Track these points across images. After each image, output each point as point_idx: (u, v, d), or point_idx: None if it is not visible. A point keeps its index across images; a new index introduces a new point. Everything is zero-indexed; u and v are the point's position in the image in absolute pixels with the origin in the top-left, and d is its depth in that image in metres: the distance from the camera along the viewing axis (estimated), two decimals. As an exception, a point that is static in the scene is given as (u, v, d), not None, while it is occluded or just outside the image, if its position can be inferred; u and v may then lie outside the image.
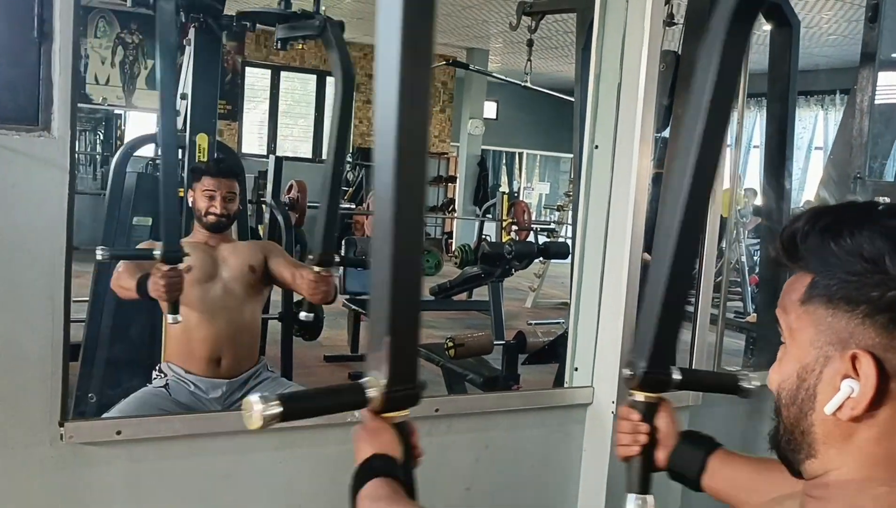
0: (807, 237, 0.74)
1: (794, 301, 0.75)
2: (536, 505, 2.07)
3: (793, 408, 0.75)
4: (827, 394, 0.71)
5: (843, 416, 0.70)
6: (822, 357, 0.72)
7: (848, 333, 0.70)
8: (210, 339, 2.51)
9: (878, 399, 0.69)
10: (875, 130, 3.25)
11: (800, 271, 0.76)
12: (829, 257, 0.72)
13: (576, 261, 2.11)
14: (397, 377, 1.02)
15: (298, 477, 1.78)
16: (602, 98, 2.06)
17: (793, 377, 0.75)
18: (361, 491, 1.04)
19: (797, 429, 0.75)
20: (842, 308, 0.71)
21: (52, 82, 1.48)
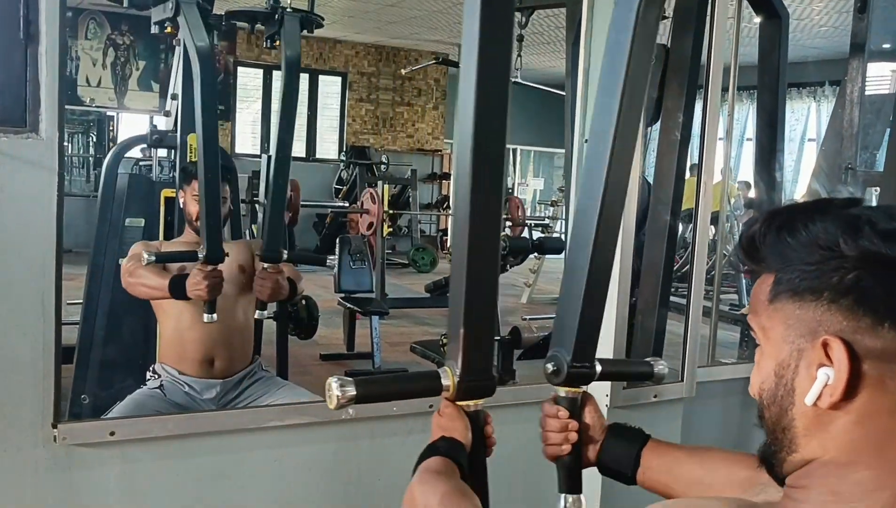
0: (765, 237, 0.75)
1: (762, 302, 0.76)
2: (532, 499, 2.07)
3: (774, 408, 0.75)
4: (804, 386, 0.72)
5: (822, 404, 0.70)
6: (796, 351, 0.73)
7: (816, 322, 0.71)
8: (202, 340, 2.51)
9: (853, 383, 0.69)
10: (866, 121, 3.26)
11: (764, 273, 0.77)
12: (787, 253, 0.73)
13: (567, 253, 2.11)
14: (471, 368, 1.07)
15: (293, 476, 1.78)
16: (592, 92, 2.06)
17: (771, 376, 0.75)
18: (422, 465, 1.08)
19: (779, 427, 0.75)
20: (807, 299, 0.71)
21: (39, 83, 1.48)
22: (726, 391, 2.39)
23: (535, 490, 2.08)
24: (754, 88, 2.93)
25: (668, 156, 2.25)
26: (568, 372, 1.16)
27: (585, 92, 2.09)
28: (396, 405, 1.85)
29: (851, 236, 0.69)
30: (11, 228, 1.47)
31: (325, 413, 1.81)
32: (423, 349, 4.11)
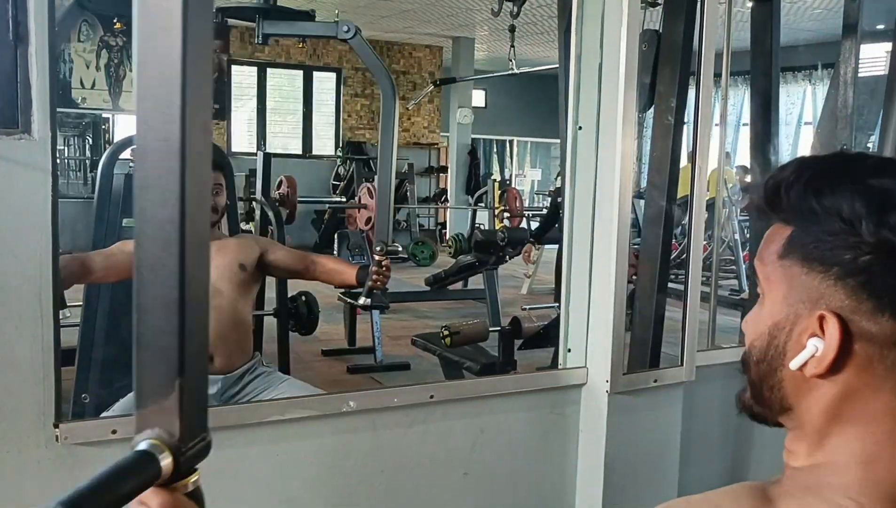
0: (790, 190, 0.72)
1: (771, 253, 0.75)
2: (535, 487, 2.08)
3: (763, 365, 0.75)
4: (794, 351, 0.72)
5: (807, 373, 0.71)
6: (793, 315, 0.72)
7: (819, 293, 0.70)
8: (202, 337, 2.52)
9: (840, 360, 0.69)
10: (860, 102, 3.26)
11: (780, 223, 0.75)
12: (809, 213, 0.71)
13: (565, 243, 2.12)
14: (193, 428, 0.73)
15: (295, 469, 1.78)
16: (584, 79, 2.07)
17: (764, 335, 0.75)
18: None
19: (766, 384, 0.75)
20: (815, 268, 0.71)
21: (31, 84, 1.48)
22: (727, 374, 2.39)
23: (542, 474, 2.09)
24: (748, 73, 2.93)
25: (662, 141, 2.25)
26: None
27: (578, 80, 2.09)
28: (398, 395, 1.86)
29: (874, 220, 0.67)
30: (6, 229, 1.48)
31: (325, 407, 1.82)
32: (424, 342, 4.11)
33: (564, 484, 2.10)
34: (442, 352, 3.84)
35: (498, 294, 5.69)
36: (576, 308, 2.09)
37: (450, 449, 1.95)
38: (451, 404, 1.93)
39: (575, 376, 2.06)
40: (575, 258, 2.10)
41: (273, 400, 2.04)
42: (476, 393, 1.98)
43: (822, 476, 0.70)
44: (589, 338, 2.06)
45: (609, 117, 1.98)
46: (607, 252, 1.99)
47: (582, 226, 2.07)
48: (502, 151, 15.00)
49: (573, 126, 2.08)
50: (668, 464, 2.13)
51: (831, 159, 0.74)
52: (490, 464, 2.00)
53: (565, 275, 2.12)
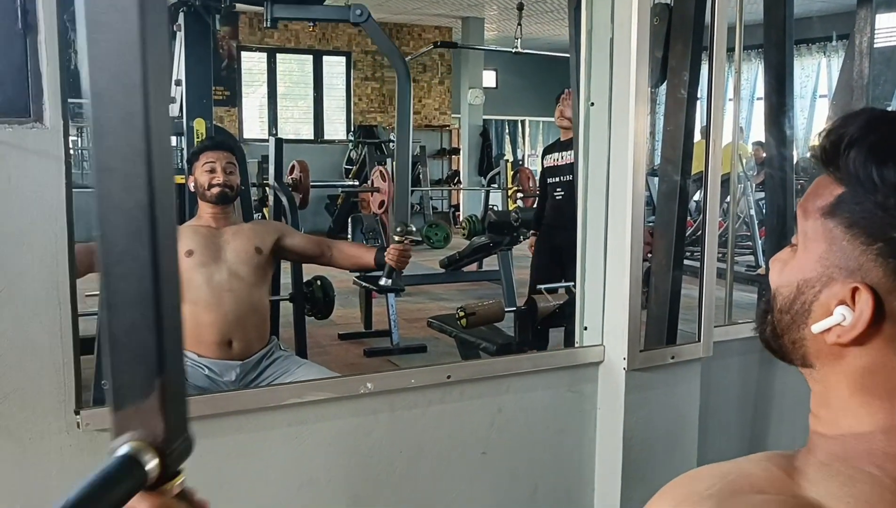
0: (851, 148, 0.68)
1: (817, 208, 0.71)
2: (554, 465, 2.08)
3: (786, 316, 0.73)
4: (819, 314, 0.70)
5: (828, 339, 0.69)
6: (826, 277, 0.70)
7: (857, 263, 0.68)
8: (218, 323, 2.53)
9: (867, 333, 0.67)
10: (875, 72, 3.22)
11: (831, 177, 0.71)
12: (866, 179, 0.67)
13: (579, 221, 2.11)
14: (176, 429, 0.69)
15: (314, 451, 1.79)
16: (595, 55, 2.05)
17: (792, 286, 0.73)
18: None
19: (787, 337, 0.73)
20: (859, 237, 0.68)
21: (41, 73, 1.48)
22: (744, 350, 2.38)
23: (560, 453, 2.09)
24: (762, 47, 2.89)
25: (675, 115, 2.22)
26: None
27: (589, 56, 2.07)
28: (414, 376, 1.87)
29: None
30: (22, 218, 1.48)
31: (343, 389, 1.83)
32: (440, 324, 4.11)
33: (583, 462, 2.10)
34: (458, 333, 3.84)
35: (513, 275, 5.68)
36: (591, 286, 2.09)
37: (468, 429, 1.96)
38: (469, 384, 1.94)
39: (592, 354, 2.06)
40: (589, 236, 2.09)
41: (291, 383, 2.05)
42: (493, 373, 1.98)
43: (848, 445, 0.69)
44: (605, 316, 2.05)
45: (621, 93, 1.96)
46: (622, 229, 1.98)
47: (596, 203, 2.06)
48: (514, 132, 14.93)
49: (585, 102, 2.07)
50: (686, 440, 2.13)
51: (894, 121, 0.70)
52: (508, 443, 2.01)
53: (580, 253, 2.11)
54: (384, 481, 1.87)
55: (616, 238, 2.01)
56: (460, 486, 1.97)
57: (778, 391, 2.48)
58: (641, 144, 1.96)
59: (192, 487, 0.71)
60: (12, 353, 1.49)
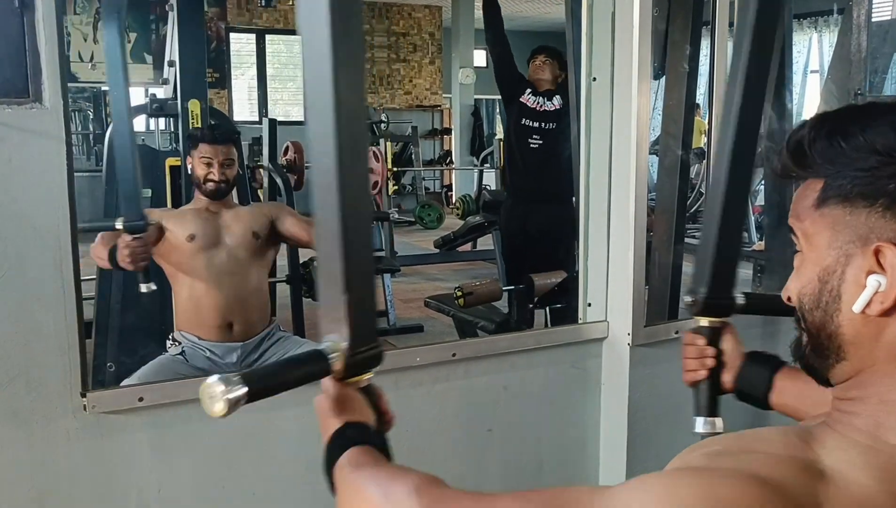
0: (814, 143, 0.72)
1: (807, 207, 0.73)
2: (559, 441, 2.09)
3: (817, 312, 0.73)
4: (852, 293, 0.70)
5: (872, 312, 0.69)
6: (844, 257, 0.70)
7: (868, 228, 0.69)
8: (219, 306, 2.52)
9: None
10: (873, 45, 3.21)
11: (810, 179, 0.74)
12: (839, 158, 0.70)
13: (581, 196, 2.10)
14: (359, 338, 0.93)
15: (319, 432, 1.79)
16: (596, 29, 2.03)
17: (814, 281, 0.73)
18: (339, 462, 0.94)
19: (823, 333, 0.73)
20: (859, 205, 0.69)
21: (39, 52, 1.46)
22: (748, 324, 2.36)
23: (566, 429, 2.09)
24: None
25: (676, 89, 2.22)
26: (703, 303, 1.25)
27: (590, 30, 2.05)
28: (420, 355, 1.86)
29: None
30: (23, 199, 1.46)
31: (348, 368, 1.82)
32: (437, 304, 4.12)
33: (587, 438, 2.11)
34: (455, 313, 3.84)
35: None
36: (595, 262, 2.08)
37: (473, 407, 1.96)
38: (473, 361, 1.93)
39: (596, 330, 2.06)
40: (592, 212, 2.08)
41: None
42: (497, 350, 1.98)
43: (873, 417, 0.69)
44: (609, 292, 2.05)
45: (624, 67, 1.95)
46: (625, 205, 1.97)
47: (598, 179, 2.05)
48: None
49: (587, 77, 2.05)
50: (690, 414, 2.12)
51: (846, 110, 0.74)
52: (514, 420, 2.01)
53: (582, 230, 2.11)
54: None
55: (619, 214, 2.00)
56: (466, 463, 1.97)
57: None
58: (645, 120, 1.95)
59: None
60: (17, 336, 1.48)
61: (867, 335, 0.70)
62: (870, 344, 0.70)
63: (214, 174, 2.56)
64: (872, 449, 0.65)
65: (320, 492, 1.83)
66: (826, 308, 0.72)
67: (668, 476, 0.66)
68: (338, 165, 0.88)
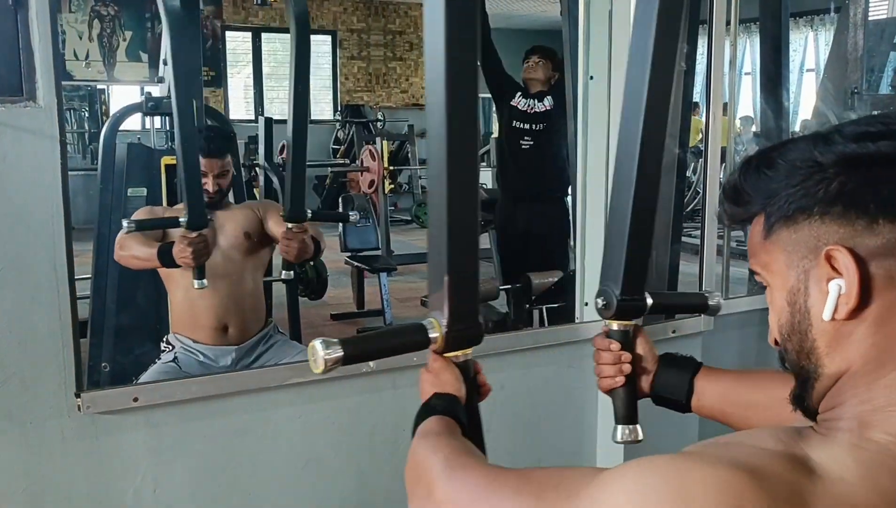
0: (745, 180, 0.76)
1: (757, 243, 0.76)
2: (556, 441, 2.09)
3: (794, 337, 0.74)
4: (819, 305, 0.71)
5: (840, 316, 0.70)
6: (802, 273, 0.72)
7: (814, 238, 0.71)
8: (214, 307, 2.50)
9: (865, 286, 0.69)
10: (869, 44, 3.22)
11: (753, 217, 0.77)
12: (770, 186, 0.74)
13: (578, 195, 2.09)
14: (458, 316, 1.03)
15: (317, 430, 1.79)
16: (594, 27, 2.02)
17: (784, 307, 0.75)
18: (419, 429, 1.04)
19: (802, 354, 0.74)
20: (800, 220, 0.72)
21: (33, 50, 1.45)
22: (743, 323, 2.39)
23: (562, 428, 2.09)
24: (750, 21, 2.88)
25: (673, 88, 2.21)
26: (618, 305, 1.17)
27: (587, 28, 2.05)
28: (416, 354, 1.85)
29: (824, 146, 0.71)
30: (17, 198, 1.46)
31: (345, 368, 1.80)
32: (433, 303, 4.11)
33: (585, 437, 2.10)
34: (452, 311, 3.83)
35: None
36: (591, 262, 2.08)
37: (470, 406, 1.95)
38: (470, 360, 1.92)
39: (593, 329, 2.05)
40: (589, 211, 2.07)
41: (293, 363, 2.03)
42: (494, 350, 1.97)
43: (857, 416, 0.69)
44: (606, 290, 2.04)
45: (621, 66, 1.94)
46: (622, 203, 1.96)
47: (595, 178, 2.05)
48: (501, 110, 14.87)
49: (584, 75, 2.05)
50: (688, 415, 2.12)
51: (766, 147, 0.78)
52: (511, 420, 2.00)
53: (580, 228, 2.10)
54: (388, 458, 1.86)
55: (616, 213, 1.99)
56: (463, 463, 1.96)
57: (776, 363, 2.49)
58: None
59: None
60: (12, 335, 1.47)
61: (839, 341, 0.71)
62: (843, 350, 0.71)
63: (209, 186, 2.54)
64: (858, 448, 0.66)
65: (317, 491, 1.83)
66: (799, 328, 0.74)
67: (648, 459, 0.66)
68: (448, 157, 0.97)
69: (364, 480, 1.85)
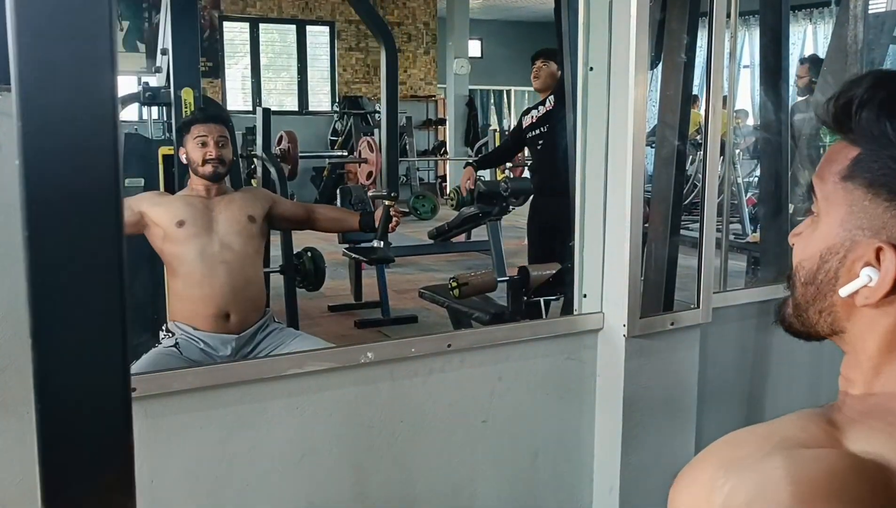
0: (863, 108, 0.67)
1: (834, 173, 0.70)
2: (554, 432, 2.08)
3: (810, 288, 0.72)
4: (846, 278, 0.69)
5: (857, 302, 0.68)
6: (849, 241, 0.69)
7: (881, 222, 0.67)
8: (214, 295, 2.49)
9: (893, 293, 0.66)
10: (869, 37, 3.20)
11: (846, 141, 0.70)
12: (880, 136, 0.66)
13: (577, 187, 2.09)
14: None
15: (315, 421, 1.78)
16: (594, 18, 2.01)
17: (815, 257, 0.71)
18: None
19: (812, 308, 0.73)
20: (881, 196, 0.66)
21: (28, 37, 1.43)
22: (741, 316, 2.38)
23: (561, 420, 2.08)
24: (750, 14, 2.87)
25: (673, 79, 2.20)
26: None
27: (587, 19, 2.04)
28: (415, 345, 1.85)
29: None
30: (11, 188, 1.44)
31: (343, 359, 1.81)
32: (432, 295, 4.10)
33: (582, 429, 2.10)
34: (450, 303, 3.83)
35: (502, 245, 5.66)
36: (590, 253, 2.07)
37: (468, 398, 1.95)
38: (469, 352, 1.92)
39: (591, 321, 2.05)
40: (588, 203, 2.07)
41: (290, 353, 2.03)
42: (493, 341, 1.97)
43: (881, 403, 0.68)
44: (605, 283, 2.04)
45: (621, 57, 1.93)
46: (622, 196, 1.96)
47: (595, 170, 2.04)
48: (500, 102, 14.85)
49: (583, 67, 2.04)
50: (685, 406, 2.13)
51: None
52: (508, 412, 2.00)
53: (578, 220, 2.09)
54: (385, 450, 1.86)
55: (616, 205, 1.99)
56: (461, 454, 1.96)
57: (775, 355, 2.49)
58: (642, 110, 1.93)
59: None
60: (6, 325, 1.46)
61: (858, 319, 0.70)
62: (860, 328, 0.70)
63: (211, 153, 2.54)
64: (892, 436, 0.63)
65: (314, 482, 1.82)
66: (820, 286, 0.71)
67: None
68: None
69: (361, 471, 1.85)
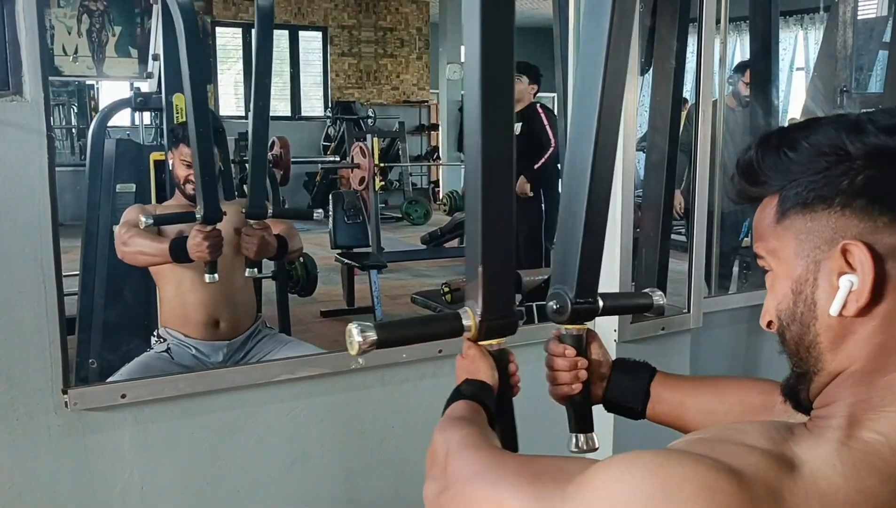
0: (763, 159, 0.73)
1: (768, 225, 0.74)
2: (547, 438, 2.08)
3: (794, 326, 0.73)
4: (827, 298, 0.69)
5: (849, 312, 0.68)
6: (813, 264, 0.70)
7: (831, 230, 0.68)
8: (205, 303, 2.49)
9: (878, 285, 0.67)
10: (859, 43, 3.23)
11: (765, 197, 0.74)
12: (790, 168, 0.71)
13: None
14: (492, 307, 1.05)
15: (306, 426, 1.78)
16: (584, 24, 2.02)
17: (788, 295, 0.72)
18: (446, 412, 1.04)
19: (802, 346, 0.73)
20: (818, 209, 0.69)
21: (19, 44, 1.44)
22: (732, 320, 2.39)
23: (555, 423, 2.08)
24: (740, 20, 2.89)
25: (663, 85, 2.21)
26: (572, 309, 1.10)
27: (578, 25, 2.05)
28: (406, 351, 1.85)
29: (854, 135, 0.68)
30: (3, 193, 1.44)
31: (334, 364, 1.81)
32: (424, 300, 4.10)
33: (574, 434, 2.10)
34: (443, 309, 3.84)
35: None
36: (581, 258, 2.07)
37: (460, 403, 1.95)
38: (460, 357, 1.92)
39: (582, 326, 2.05)
40: (579, 208, 2.07)
41: (282, 359, 2.03)
42: (484, 346, 1.97)
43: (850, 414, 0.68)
44: (596, 287, 2.04)
45: (611, 63, 1.94)
46: (612, 201, 1.96)
47: (585, 175, 2.05)
48: (492, 107, 14.85)
49: (575, 74, 2.04)
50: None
51: (787, 126, 0.75)
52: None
53: (569, 225, 2.10)
54: (377, 455, 1.86)
55: (606, 210, 1.99)
56: (453, 460, 1.96)
57: (765, 359, 2.50)
58: (632, 116, 1.94)
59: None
60: (-2, 333, 1.46)
61: (843, 337, 0.70)
62: (847, 347, 0.70)
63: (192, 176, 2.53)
64: (845, 447, 0.65)
65: (306, 488, 1.82)
66: (802, 320, 0.72)
67: (635, 453, 0.65)
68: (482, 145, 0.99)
69: (353, 476, 1.85)
